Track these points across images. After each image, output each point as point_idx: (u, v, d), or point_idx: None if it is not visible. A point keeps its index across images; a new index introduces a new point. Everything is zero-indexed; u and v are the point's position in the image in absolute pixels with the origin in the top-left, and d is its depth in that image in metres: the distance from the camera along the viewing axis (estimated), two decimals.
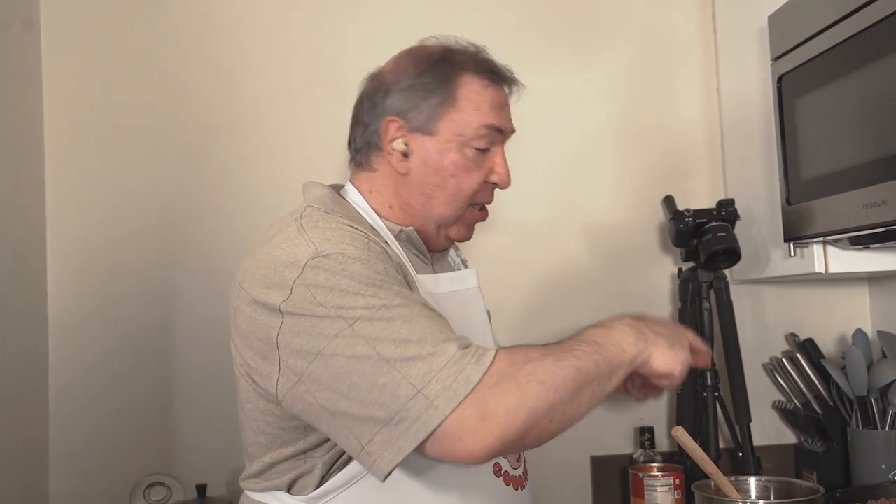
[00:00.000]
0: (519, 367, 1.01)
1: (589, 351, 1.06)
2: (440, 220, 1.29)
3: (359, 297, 1.03)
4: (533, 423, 0.99)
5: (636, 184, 2.14)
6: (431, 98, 1.24)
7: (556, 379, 1.01)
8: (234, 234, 2.02)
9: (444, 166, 1.25)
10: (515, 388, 0.99)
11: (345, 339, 1.02)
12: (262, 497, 1.21)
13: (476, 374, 0.98)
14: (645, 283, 2.13)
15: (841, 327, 2.14)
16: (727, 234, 1.83)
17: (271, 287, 1.07)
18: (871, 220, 1.41)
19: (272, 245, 1.11)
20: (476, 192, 1.29)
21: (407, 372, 0.98)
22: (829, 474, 1.92)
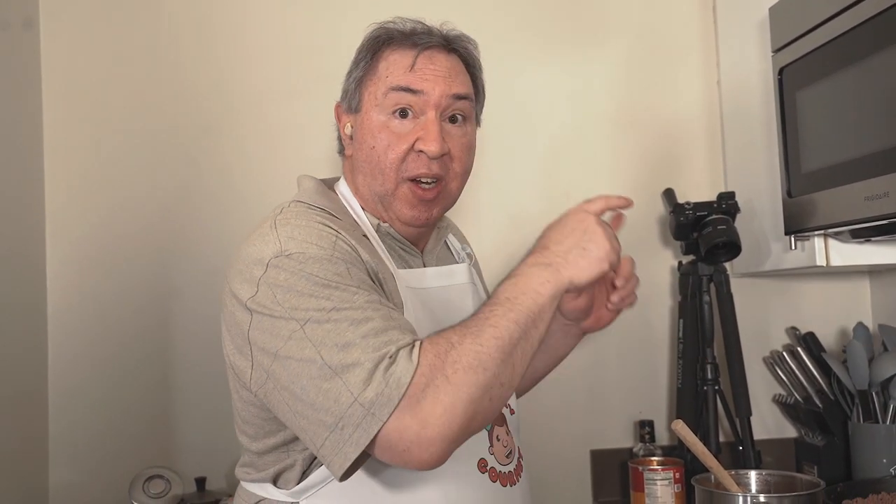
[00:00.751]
0: (443, 357, 0.99)
1: (503, 312, 1.03)
2: (378, 199, 1.25)
3: (311, 299, 1.04)
4: (473, 411, 0.98)
5: (636, 176, 2.13)
6: (354, 74, 1.26)
7: (481, 358, 0.99)
8: (232, 230, 2.01)
9: (365, 137, 1.23)
10: (446, 382, 0.97)
11: (296, 341, 1.03)
12: (253, 488, 1.22)
13: (406, 375, 0.97)
14: (645, 276, 2.08)
15: (842, 321, 2.14)
16: (727, 227, 1.83)
17: (243, 283, 1.09)
18: (873, 213, 1.40)
19: (249, 241, 1.13)
20: (400, 161, 1.21)
21: (347, 378, 0.98)
22: (830, 468, 1.91)
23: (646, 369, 2.11)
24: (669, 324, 2.12)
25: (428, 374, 0.97)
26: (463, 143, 1.26)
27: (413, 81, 1.21)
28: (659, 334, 2.12)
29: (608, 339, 2.11)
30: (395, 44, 1.24)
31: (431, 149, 1.20)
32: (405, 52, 1.23)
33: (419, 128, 1.21)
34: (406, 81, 1.21)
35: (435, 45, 1.23)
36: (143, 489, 1.72)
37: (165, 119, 2.04)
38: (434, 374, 0.97)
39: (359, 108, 1.25)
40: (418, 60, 1.22)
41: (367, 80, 1.24)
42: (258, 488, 1.21)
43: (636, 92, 2.15)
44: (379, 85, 1.22)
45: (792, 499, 1.45)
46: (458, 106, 1.24)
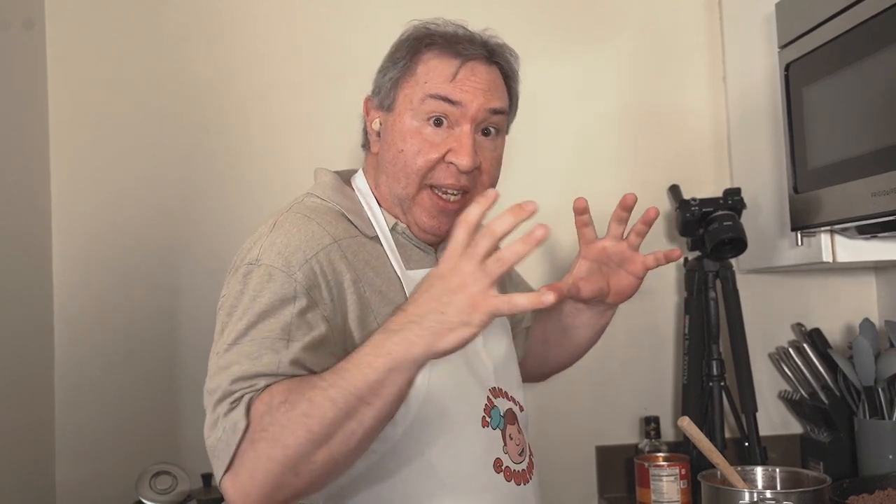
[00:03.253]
0: (258, 417, 0.97)
1: (326, 386, 0.95)
2: (397, 202, 1.23)
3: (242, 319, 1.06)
4: (274, 483, 0.95)
5: (642, 172, 2.12)
6: (390, 73, 1.23)
7: (284, 433, 0.94)
8: (240, 226, 1.99)
9: (395, 139, 1.20)
10: (250, 446, 0.96)
11: (215, 355, 1.08)
12: None
13: (242, 423, 0.97)
14: (650, 272, 2.09)
15: (848, 317, 2.13)
16: (733, 224, 1.82)
17: (227, 275, 1.15)
18: (880, 209, 1.40)
19: (252, 237, 1.16)
20: (428, 169, 1.19)
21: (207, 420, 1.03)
22: (836, 464, 1.91)
23: (651, 365, 2.11)
24: (675, 320, 2.12)
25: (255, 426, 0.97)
26: (494, 156, 1.25)
27: (453, 92, 1.18)
28: (664, 331, 2.12)
29: (614, 336, 2.08)
30: (436, 48, 1.21)
31: (463, 162, 1.18)
32: (448, 59, 1.20)
33: (452, 139, 1.19)
34: (446, 91, 1.18)
35: (478, 56, 1.21)
36: (149, 485, 1.72)
37: (171, 116, 2.04)
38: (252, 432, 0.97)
39: (391, 108, 1.22)
40: (460, 71, 1.19)
41: (404, 81, 1.21)
42: None
43: (642, 89, 2.15)
44: (416, 89, 1.20)
45: (798, 495, 1.44)
46: (493, 120, 1.22)
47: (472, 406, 1.19)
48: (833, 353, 1.91)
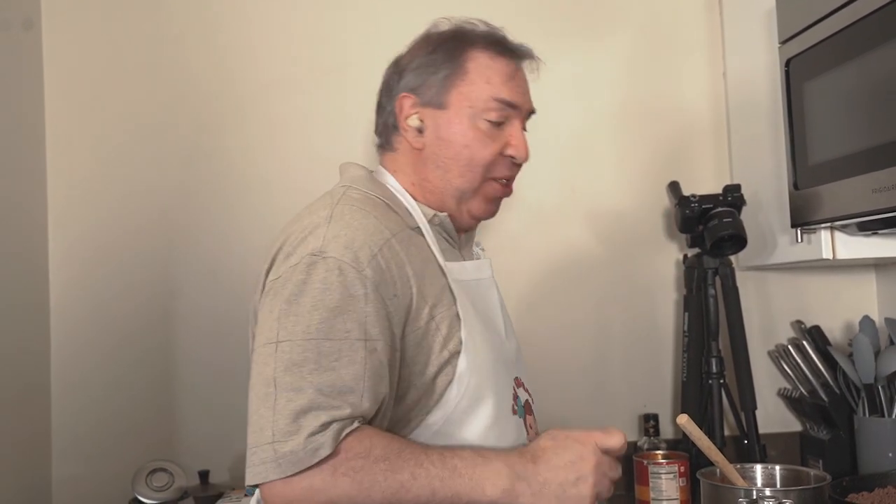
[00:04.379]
0: (350, 455, 1.00)
1: (438, 475, 1.02)
2: (458, 194, 1.28)
3: (306, 318, 1.04)
4: None
5: (641, 169, 2.12)
6: (440, 72, 1.25)
7: (373, 486, 1.00)
8: (234, 221, 2.01)
9: (456, 137, 1.25)
10: (330, 475, 0.99)
11: (266, 352, 1.04)
12: None
13: (326, 450, 0.99)
14: (650, 269, 2.12)
15: (847, 314, 2.12)
16: (733, 220, 1.82)
17: (277, 261, 1.12)
18: (881, 205, 1.39)
19: (303, 224, 1.14)
20: (491, 163, 1.27)
21: (278, 419, 1.00)
22: (835, 462, 1.91)
23: (650, 363, 2.10)
24: (674, 317, 2.11)
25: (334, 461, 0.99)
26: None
27: (513, 96, 1.27)
28: (663, 328, 2.11)
29: (613, 333, 2.10)
30: (488, 50, 1.27)
31: (523, 156, 1.29)
32: (503, 61, 1.27)
33: (506, 134, 1.27)
34: (509, 96, 1.26)
35: (524, 59, 1.31)
36: (146, 482, 1.71)
37: (167, 115, 2.02)
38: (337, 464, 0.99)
39: (444, 106, 1.25)
40: (517, 73, 1.29)
41: (457, 79, 1.25)
42: None
43: (641, 84, 2.13)
44: (473, 88, 1.24)
45: (798, 493, 1.44)
46: (527, 120, 1.33)
47: (504, 394, 1.23)
48: (833, 350, 1.90)
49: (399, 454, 1.02)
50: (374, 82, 2.01)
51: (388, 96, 1.31)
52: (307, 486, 0.99)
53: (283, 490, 0.99)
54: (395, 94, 1.29)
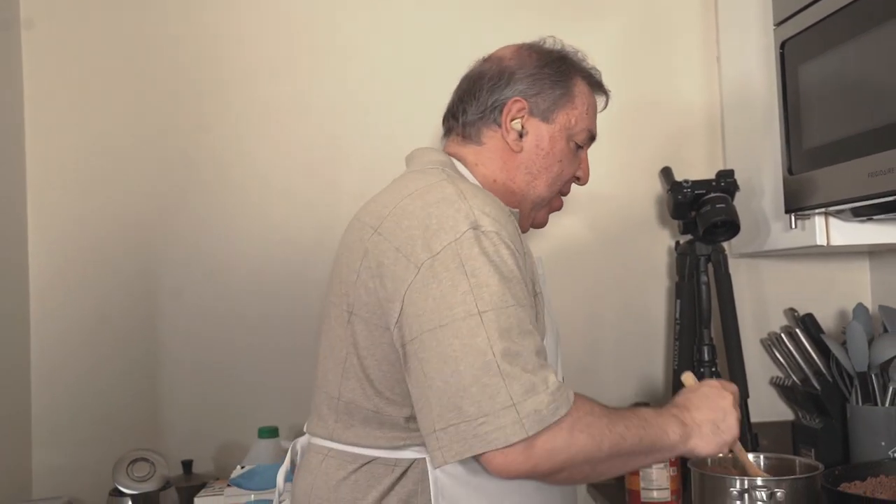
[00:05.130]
0: (581, 415, 1.06)
1: (638, 424, 1.12)
2: (538, 201, 1.36)
3: (497, 287, 1.06)
4: (567, 467, 1.05)
5: (633, 155, 2.09)
6: (556, 90, 1.34)
7: (603, 439, 1.07)
8: (219, 212, 1.99)
9: (555, 152, 1.34)
10: (568, 433, 1.04)
11: (470, 324, 1.04)
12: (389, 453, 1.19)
13: (564, 409, 1.04)
14: (642, 256, 2.09)
15: (841, 302, 2.10)
16: (726, 206, 1.79)
17: (418, 242, 1.09)
18: (877, 190, 1.36)
19: (426, 201, 1.13)
20: (568, 181, 1.39)
21: (511, 383, 1.01)
22: (828, 451, 1.89)
23: (642, 351, 2.08)
24: (666, 305, 2.08)
25: (571, 419, 1.04)
26: None
27: (595, 130, 1.41)
28: (655, 316, 2.09)
29: (604, 321, 2.07)
30: (587, 81, 1.39)
31: (587, 180, 1.43)
32: (597, 99, 1.42)
33: (580, 160, 1.40)
34: (595, 130, 1.40)
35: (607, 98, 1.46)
36: (126, 472, 1.68)
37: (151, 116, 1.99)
38: (572, 423, 1.05)
39: (550, 121, 1.34)
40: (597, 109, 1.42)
41: (566, 102, 1.35)
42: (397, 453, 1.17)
43: (634, 69, 2.10)
44: (575, 115, 1.35)
45: (790, 482, 1.41)
46: None
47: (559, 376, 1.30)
48: (826, 338, 1.87)
49: (608, 410, 1.11)
50: (375, 65, 1.99)
51: (494, 92, 1.33)
52: (549, 448, 1.03)
53: (523, 455, 1.02)
54: (503, 92, 1.33)
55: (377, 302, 1.12)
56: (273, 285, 1.99)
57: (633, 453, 1.11)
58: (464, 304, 1.05)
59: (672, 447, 1.16)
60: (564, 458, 1.04)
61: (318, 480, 1.20)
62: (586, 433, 1.05)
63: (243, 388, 1.97)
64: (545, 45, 1.39)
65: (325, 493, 1.18)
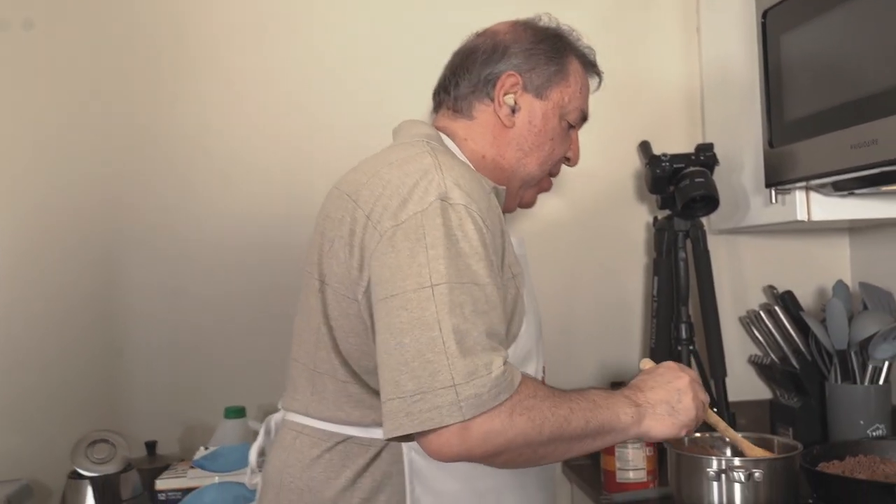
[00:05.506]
0: (522, 398, 1.02)
1: (585, 407, 1.07)
2: (527, 179, 1.34)
3: (454, 262, 1.02)
4: (504, 450, 1.01)
5: (610, 129, 2.03)
6: (550, 66, 1.31)
7: (544, 422, 1.03)
8: (182, 184, 1.93)
9: (547, 130, 1.32)
10: (507, 416, 1.00)
11: (420, 297, 1.00)
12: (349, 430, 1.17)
13: (506, 394, 1.00)
14: (619, 231, 2.05)
15: (820, 279, 2.07)
16: (705, 180, 1.75)
17: (388, 211, 1.07)
18: (860, 162, 1.32)
19: (403, 171, 1.10)
20: (558, 161, 1.37)
21: (455, 362, 0.98)
22: (806, 430, 1.86)
23: (618, 329, 2.04)
24: (644, 282, 2.04)
25: (511, 402, 1.00)
26: None
27: (587, 110, 1.38)
28: (632, 293, 2.05)
29: (580, 299, 2.03)
30: (582, 61, 1.36)
31: (577, 161, 1.41)
32: (590, 79, 1.39)
33: (571, 140, 1.38)
34: (587, 111, 1.38)
35: (600, 80, 1.42)
36: (86, 454, 1.62)
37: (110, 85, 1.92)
38: (512, 406, 1.00)
39: (544, 97, 1.31)
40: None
41: (560, 80, 1.32)
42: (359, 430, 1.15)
43: (611, 40, 2.03)
44: (568, 93, 1.33)
45: (768, 462, 1.38)
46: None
47: (539, 363, 1.29)
48: (805, 315, 1.84)
49: (554, 392, 1.07)
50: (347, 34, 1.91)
51: (487, 66, 1.31)
52: (486, 430, 0.98)
53: (458, 437, 0.98)
54: (497, 66, 1.30)
55: (347, 272, 1.10)
56: (240, 261, 1.93)
57: (579, 436, 1.06)
58: (417, 276, 1.01)
59: (625, 429, 1.11)
60: (502, 442, 1.00)
61: (290, 458, 1.18)
62: (526, 416, 1.01)
63: (210, 367, 1.92)
64: (540, 22, 1.37)
65: (297, 472, 1.17)
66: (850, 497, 1.39)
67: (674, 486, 1.48)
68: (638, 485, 1.68)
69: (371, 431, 1.14)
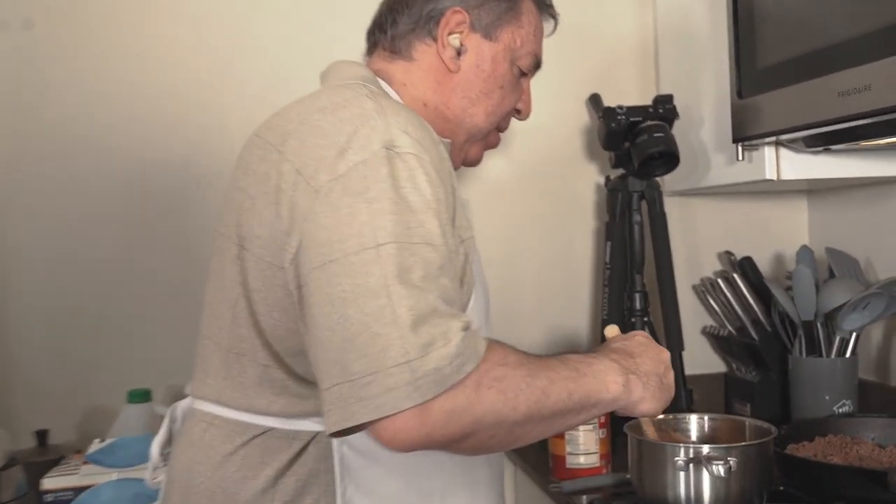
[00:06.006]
0: (490, 366, 0.87)
1: (566, 375, 0.93)
2: (473, 132, 1.20)
3: (404, 217, 0.88)
4: (472, 432, 0.86)
5: (556, 81, 1.85)
6: (501, 3, 1.18)
7: (518, 396, 0.88)
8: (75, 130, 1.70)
9: (496, 76, 1.19)
10: (473, 389, 0.85)
11: (363, 259, 0.85)
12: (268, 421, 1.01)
13: (471, 364, 0.85)
14: (567, 193, 1.90)
15: (776, 245, 1.96)
16: (665, 135, 1.60)
17: (322, 163, 0.91)
18: (850, 111, 1.17)
19: (339, 117, 0.95)
20: (508, 113, 1.24)
21: (407, 334, 0.82)
22: (764, 406, 1.75)
23: (566, 299, 1.90)
24: (593, 248, 1.89)
25: (477, 373, 0.86)
26: None
27: (541, 56, 1.24)
28: (581, 259, 1.91)
29: (524, 268, 1.88)
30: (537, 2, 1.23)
31: (529, 114, 1.27)
32: (544, 21, 1.26)
33: (522, 91, 1.24)
34: (541, 56, 1.24)
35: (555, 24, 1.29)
36: None
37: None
38: (478, 377, 0.86)
39: (494, 39, 1.18)
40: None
41: (512, 20, 1.19)
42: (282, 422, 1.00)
43: None
44: (521, 35, 1.20)
45: (740, 450, 1.24)
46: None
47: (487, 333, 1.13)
48: (771, 284, 1.71)
49: (528, 358, 0.93)
50: None
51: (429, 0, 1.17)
52: (450, 409, 0.83)
53: (415, 420, 0.82)
54: (441, 2, 1.16)
55: (271, 235, 0.94)
56: (146, 216, 1.72)
57: (561, 412, 0.92)
58: (360, 235, 0.85)
59: (612, 401, 0.97)
60: (468, 422, 0.85)
61: (199, 455, 1.02)
62: (496, 389, 0.86)
63: (111, 342, 1.71)
64: None
65: (207, 472, 1.00)
66: (829, 484, 1.26)
67: (635, 475, 1.33)
68: (590, 470, 1.52)
69: (295, 422, 0.99)
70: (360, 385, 0.82)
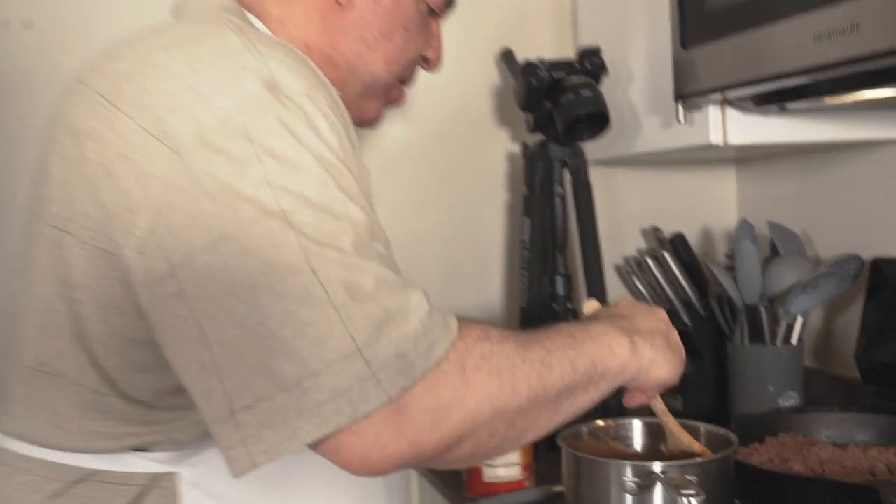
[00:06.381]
0: (471, 344, 0.72)
1: (563, 343, 0.78)
2: (370, 83, 1.01)
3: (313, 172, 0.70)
4: (469, 431, 0.71)
5: (459, 35, 1.63)
6: None
7: (515, 374, 0.73)
8: None
9: (398, 14, 1.00)
10: (458, 375, 0.70)
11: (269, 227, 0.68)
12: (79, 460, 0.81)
13: (445, 342, 0.70)
14: (475, 162, 1.71)
15: (702, 220, 1.82)
16: (594, 94, 1.39)
17: (177, 114, 0.71)
18: (832, 57, 0.97)
19: (193, 55, 0.75)
20: (412, 61, 1.06)
21: (349, 312, 0.66)
22: (698, 398, 1.57)
23: (475, 285, 1.70)
24: (506, 226, 1.69)
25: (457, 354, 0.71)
26: None
27: None
28: (491, 238, 1.70)
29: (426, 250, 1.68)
30: None
31: (438, 63, 1.09)
32: None
33: (430, 34, 1.07)
34: None
35: None
36: None
37: None
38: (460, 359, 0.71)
39: None
40: None
41: None
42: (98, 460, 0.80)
43: None
44: None
45: (699, 467, 1.04)
46: None
47: None
48: (710, 263, 1.54)
49: (514, 332, 0.78)
50: None
51: None
52: (434, 405, 0.69)
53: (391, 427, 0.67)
54: None
55: (106, 216, 0.74)
56: None
57: (568, 389, 0.78)
58: (255, 200, 0.67)
59: (621, 369, 0.83)
60: (462, 418, 0.70)
61: None
62: (486, 370, 0.72)
63: None
64: None
65: None
66: (801, 499, 1.09)
67: (571, 496, 1.12)
68: (510, 485, 1.32)
69: (128, 462, 0.79)
70: (299, 393, 0.64)
